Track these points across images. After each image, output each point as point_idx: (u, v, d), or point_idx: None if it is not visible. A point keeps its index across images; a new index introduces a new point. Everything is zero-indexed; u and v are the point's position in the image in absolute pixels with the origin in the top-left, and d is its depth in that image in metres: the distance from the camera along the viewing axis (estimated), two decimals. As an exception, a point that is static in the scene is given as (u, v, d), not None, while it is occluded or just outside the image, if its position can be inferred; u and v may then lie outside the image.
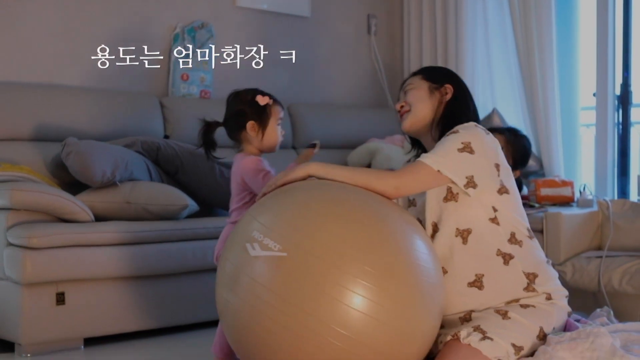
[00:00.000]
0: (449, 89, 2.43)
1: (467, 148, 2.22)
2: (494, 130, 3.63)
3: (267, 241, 1.97)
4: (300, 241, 1.94)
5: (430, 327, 2.07)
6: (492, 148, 2.30)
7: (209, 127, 2.61)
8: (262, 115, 2.55)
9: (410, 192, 2.27)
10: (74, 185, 3.53)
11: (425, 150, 2.50)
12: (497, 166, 2.29)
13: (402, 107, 2.46)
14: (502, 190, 2.30)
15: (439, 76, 2.47)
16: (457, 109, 2.40)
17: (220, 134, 2.63)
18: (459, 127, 2.29)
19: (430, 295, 2.05)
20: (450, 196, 2.28)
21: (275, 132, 2.58)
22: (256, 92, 2.59)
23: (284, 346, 1.94)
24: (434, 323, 2.09)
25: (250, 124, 2.54)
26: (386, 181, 2.18)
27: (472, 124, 2.32)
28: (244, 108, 2.56)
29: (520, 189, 3.71)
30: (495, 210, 2.28)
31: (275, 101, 2.60)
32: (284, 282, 1.92)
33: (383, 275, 1.93)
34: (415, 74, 2.51)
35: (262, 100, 2.55)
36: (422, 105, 2.41)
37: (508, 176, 2.35)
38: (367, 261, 1.93)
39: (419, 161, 2.22)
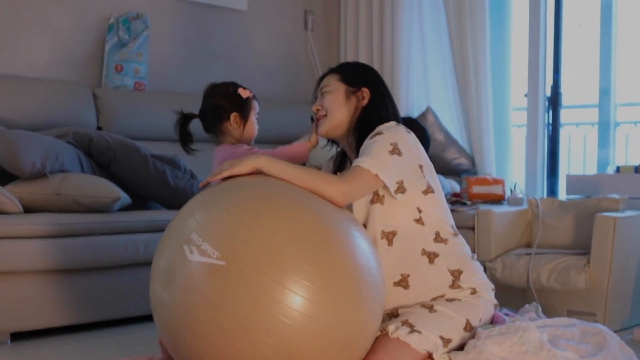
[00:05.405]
0: (365, 93, 2.40)
1: (395, 150, 2.22)
2: None
3: (205, 246, 1.91)
4: (239, 250, 1.89)
5: (371, 326, 2.06)
6: (415, 147, 2.30)
7: (185, 120, 2.62)
8: (244, 108, 2.62)
9: (357, 198, 2.25)
10: (2, 176, 3.43)
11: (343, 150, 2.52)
12: (421, 167, 2.31)
13: (318, 110, 2.45)
14: (428, 191, 2.31)
15: (356, 78, 2.43)
16: (373, 115, 2.37)
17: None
18: (381, 128, 2.29)
19: (372, 295, 2.03)
20: (377, 199, 2.29)
21: (254, 124, 2.67)
22: (237, 85, 2.65)
23: (216, 354, 1.90)
24: (375, 321, 2.08)
25: (234, 116, 2.61)
26: (335, 186, 2.12)
27: (393, 123, 2.33)
28: (225, 101, 2.61)
29: None
30: (420, 211, 2.30)
31: (254, 95, 2.67)
32: (220, 291, 1.87)
33: (323, 275, 1.90)
34: (333, 71, 2.48)
35: (244, 93, 2.63)
36: (338, 112, 2.39)
37: (431, 174, 2.36)
38: (308, 261, 1.90)
39: (357, 166, 2.18)
